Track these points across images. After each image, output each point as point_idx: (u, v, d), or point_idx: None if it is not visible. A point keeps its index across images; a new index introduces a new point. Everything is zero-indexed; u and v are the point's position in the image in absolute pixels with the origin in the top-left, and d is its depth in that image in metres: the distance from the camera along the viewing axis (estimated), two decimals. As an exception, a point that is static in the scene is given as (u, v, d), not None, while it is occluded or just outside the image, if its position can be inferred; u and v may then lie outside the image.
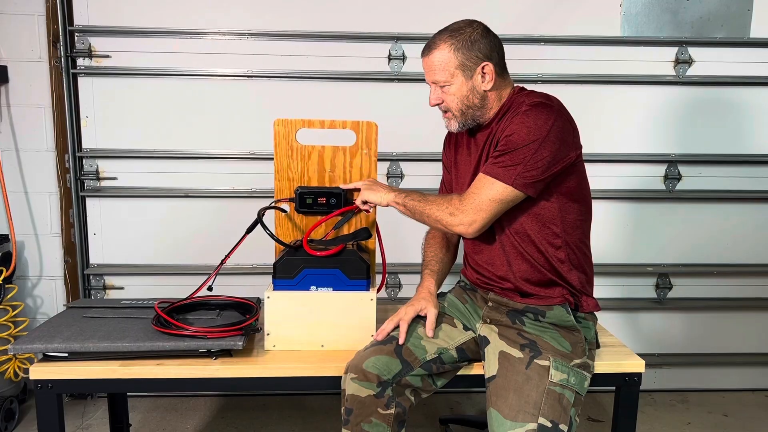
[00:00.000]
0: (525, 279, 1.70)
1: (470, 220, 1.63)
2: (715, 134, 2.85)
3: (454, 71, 1.68)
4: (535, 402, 1.52)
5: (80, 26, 2.65)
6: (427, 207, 1.70)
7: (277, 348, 1.82)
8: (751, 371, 3.05)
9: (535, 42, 2.73)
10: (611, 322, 2.82)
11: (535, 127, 1.58)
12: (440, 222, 1.68)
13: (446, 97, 1.72)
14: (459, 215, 1.64)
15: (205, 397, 2.88)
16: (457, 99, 1.71)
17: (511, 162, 1.59)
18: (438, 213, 1.67)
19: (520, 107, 1.65)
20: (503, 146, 1.62)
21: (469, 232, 1.65)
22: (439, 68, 1.69)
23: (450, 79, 1.69)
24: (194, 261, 2.79)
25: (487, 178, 1.61)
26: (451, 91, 1.70)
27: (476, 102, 1.71)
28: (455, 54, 1.67)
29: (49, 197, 2.79)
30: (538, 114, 1.60)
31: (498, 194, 1.61)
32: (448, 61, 1.68)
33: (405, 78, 2.73)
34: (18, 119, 2.73)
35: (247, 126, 2.73)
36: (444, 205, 1.67)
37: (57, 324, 1.84)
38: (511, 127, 1.62)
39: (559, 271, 1.70)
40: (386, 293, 2.89)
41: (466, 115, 1.73)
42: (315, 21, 2.68)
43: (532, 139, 1.58)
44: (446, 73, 1.69)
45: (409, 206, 1.74)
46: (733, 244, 2.93)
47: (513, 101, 1.72)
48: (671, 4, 2.75)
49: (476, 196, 1.62)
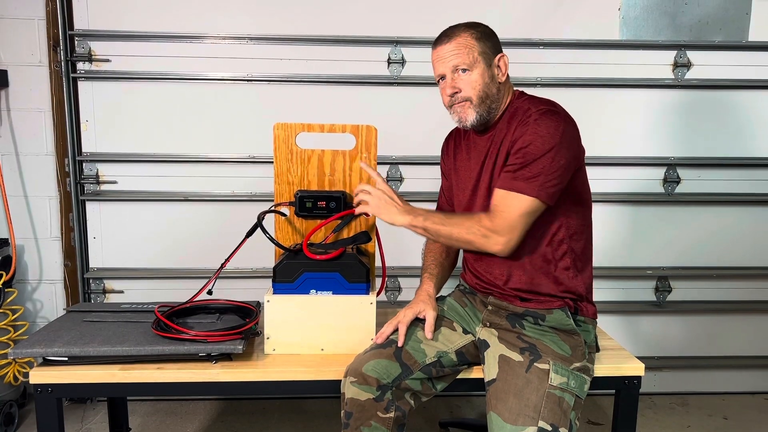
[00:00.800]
0: (526, 285, 1.70)
1: (506, 239, 1.61)
2: (713, 137, 2.85)
3: (477, 57, 1.67)
4: (535, 405, 1.52)
5: (80, 30, 2.65)
6: (454, 230, 1.65)
7: (276, 352, 1.82)
8: (751, 374, 3.05)
9: (534, 45, 2.73)
10: (611, 325, 2.82)
11: (548, 136, 1.59)
12: (473, 244, 1.65)
13: (465, 84, 1.68)
14: (493, 236, 1.61)
15: (205, 400, 2.88)
16: (478, 86, 1.67)
17: (531, 174, 1.59)
18: (469, 236, 1.63)
19: (526, 115, 1.65)
20: (520, 158, 1.60)
21: (505, 251, 1.63)
22: (463, 52, 1.66)
23: (473, 65, 1.67)
24: (194, 265, 2.79)
25: (510, 194, 1.60)
26: (472, 78, 1.67)
27: (494, 92, 1.70)
28: (477, 41, 1.67)
29: (49, 201, 2.79)
30: (549, 122, 1.60)
31: (526, 208, 1.59)
32: (471, 46, 1.67)
33: (404, 82, 2.74)
34: (18, 123, 2.73)
35: (247, 130, 2.74)
36: (474, 227, 1.63)
37: (57, 328, 1.84)
38: (525, 138, 1.61)
39: (562, 278, 1.70)
40: (386, 297, 2.89)
41: (485, 105, 1.69)
42: (315, 25, 2.69)
43: (548, 148, 1.58)
44: (470, 57, 1.66)
45: (432, 230, 1.67)
46: (733, 247, 2.93)
47: (516, 106, 1.72)
48: (669, 8, 2.75)
49: (506, 214, 1.60)
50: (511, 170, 1.62)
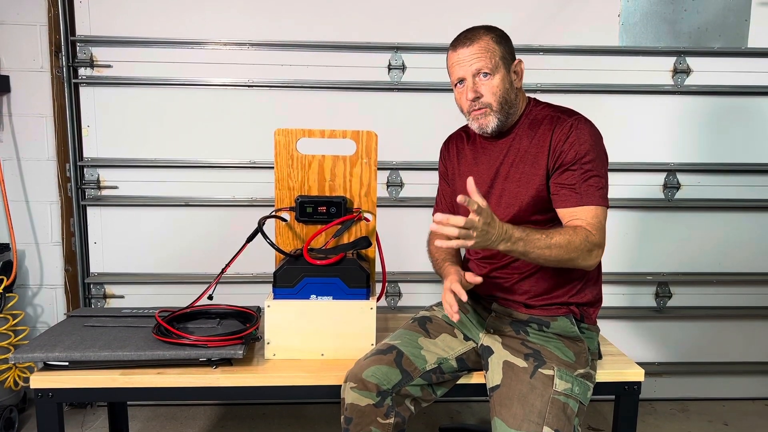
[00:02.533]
0: (535, 292, 1.70)
1: (602, 250, 1.62)
2: (713, 143, 2.86)
3: (499, 61, 1.65)
4: (540, 411, 1.52)
5: (82, 36, 2.66)
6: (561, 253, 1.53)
7: (277, 357, 1.82)
8: (751, 380, 3.04)
9: (534, 52, 2.74)
10: (611, 330, 2.81)
11: (594, 144, 1.63)
12: (573, 262, 1.57)
13: (486, 89, 1.65)
14: (596, 250, 1.59)
15: (205, 405, 2.88)
16: (499, 91, 1.65)
17: (599, 184, 1.61)
18: (572, 254, 1.54)
19: (559, 122, 1.65)
20: (581, 170, 1.60)
21: (599, 261, 1.65)
22: (487, 55, 1.63)
23: (495, 69, 1.64)
24: (195, 270, 2.79)
25: (591, 207, 1.60)
26: (495, 83, 1.65)
27: (512, 98, 1.69)
28: (498, 45, 1.66)
29: (50, 206, 2.79)
30: (589, 129, 1.65)
31: (605, 217, 1.63)
32: (494, 50, 1.65)
33: (405, 88, 2.74)
34: (19, 128, 2.74)
35: (248, 135, 2.74)
36: (582, 245, 1.54)
37: (57, 333, 1.85)
38: (578, 148, 1.61)
39: (570, 290, 1.70)
40: (386, 302, 2.89)
41: (504, 111, 1.67)
42: (315, 31, 2.70)
43: (600, 156, 1.64)
44: (492, 61, 1.64)
45: (531, 248, 1.51)
46: (733, 253, 2.93)
47: (535, 113, 1.72)
48: (669, 15, 2.76)
49: (601, 226, 1.60)
50: (578, 184, 1.61)
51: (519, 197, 1.69)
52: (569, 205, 1.62)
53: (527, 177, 1.68)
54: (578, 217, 1.60)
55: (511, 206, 1.70)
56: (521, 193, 1.68)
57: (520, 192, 1.69)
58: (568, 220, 1.61)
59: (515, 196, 1.69)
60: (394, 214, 2.80)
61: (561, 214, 1.64)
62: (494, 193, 1.74)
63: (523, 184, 1.68)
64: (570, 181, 1.62)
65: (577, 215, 1.60)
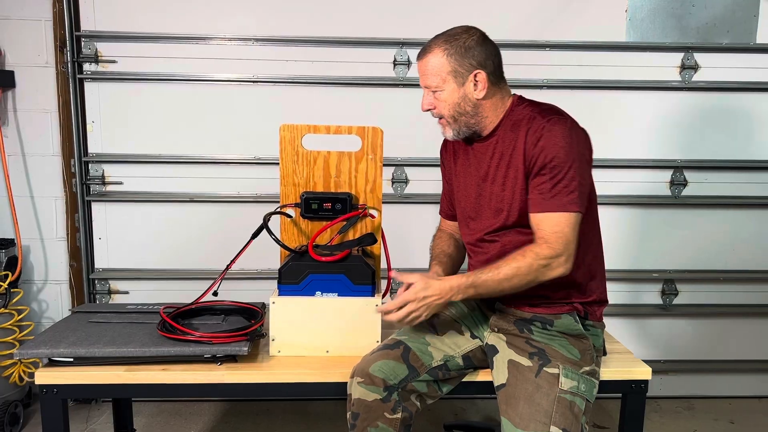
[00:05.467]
0: (537, 290, 1.69)
1: (565, 258, 1.57)
2: (720, 140, 2.84)
3: (446, 77, 1.65)
4: (546, 410, 1.51)
5: (87, 32, 2.66)
6: (513, 281, 1.57)
7: (282, 353, 1.82)
8: (758, 378, 3.03)
9: (541, 47, 2.73)
10: (617, 328, 2.81)
11: (567, 145, 1.56)
12: (536, 281, 1.58)
13: (438, 102, 1.68)
14: (554, 261, 1.56)
15: (210, 402, 2.88)
16: (448, 105, 1.67)
17: (568, 189, 1.57)
18: (529, 276, 1.56)
19: (535, 124, 1.61)
20: (549, 174, 1.57)
21: (568, 270, 1.59)
22: (432, 73, 1.66)
23: (441, 85, 1.65)
24: (199, 266, 2.79)
25: (554, 214, 1.57)
26: (443, 97, 1.67)
27: (468, 110, 1.67)
28: (448, 59, 1.64)
29: (55, 202, 2.79)
30: (562, 130, 1.58)
31: (573, 223, 1.58)
32: (440, 66, 1.64)
33: (410, 83, 2.73)
34: (24, 124, 2.74)
35: (253, 131, 2.74)
36: (533, 265, 1.55)
37: (62, 329, 1.85)
38: (546, 153, 1.57)
39: (573, 290, 1.69)
40: (391, 298, 2.87)
41: (459, 123, 1.69)
42: (320, 27, 2.69)
43: (572, 158, 1.57)
44: (438, 78, 1.65)
45: (484, 290, 1.58)
46: (739, 250, 2.92)
47: (517, 113, 1.68)
48: (676, 10, 2.74)
49: (559, 235, 1.56)
50: (546, 189, 1.58)
51: (505, 201, 1.67)
52: (534, 211, 1.61)
53: (510, 180, 1.66)
54: (540, 226, 1.59)
55: (500, 211, 1.69)
56: (507, 196, 1.67)
57: (506, 195, 1.67)
58: (534, 231, 1.61)
59: (502, 200, 1.68)
60: (399, 210, 2.79)
61: (530, 221, 1.63)
62: (484, 193, 1.73)
63: (507, 187, 1.66)
64: (539, 188, 1.60)
65: (540, 225, 1.59)
